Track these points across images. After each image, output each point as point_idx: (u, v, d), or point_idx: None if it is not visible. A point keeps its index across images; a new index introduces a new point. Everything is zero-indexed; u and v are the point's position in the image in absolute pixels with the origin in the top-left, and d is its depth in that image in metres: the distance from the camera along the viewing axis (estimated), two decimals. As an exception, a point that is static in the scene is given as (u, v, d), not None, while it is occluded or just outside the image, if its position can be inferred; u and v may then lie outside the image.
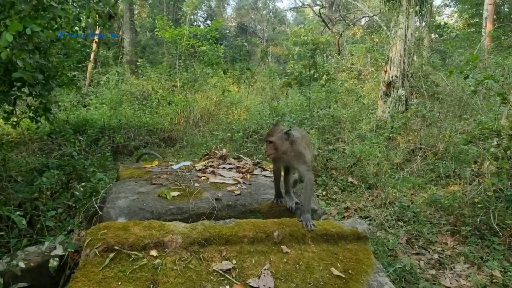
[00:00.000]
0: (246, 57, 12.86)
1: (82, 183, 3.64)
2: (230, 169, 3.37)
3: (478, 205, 3.88)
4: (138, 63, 13.13)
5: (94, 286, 1.67)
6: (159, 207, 2.35)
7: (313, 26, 15.33)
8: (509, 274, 3.04)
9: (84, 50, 4.62)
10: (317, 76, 12.35)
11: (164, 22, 11.77)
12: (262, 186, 2.93)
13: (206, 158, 3.78)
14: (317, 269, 2.01)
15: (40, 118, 4.10)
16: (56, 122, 5.73)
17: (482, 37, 11.97)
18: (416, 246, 3.62)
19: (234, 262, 1.94)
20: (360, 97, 10.54)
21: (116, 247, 1.85)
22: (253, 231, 2.10)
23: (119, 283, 1.70)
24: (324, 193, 5.06)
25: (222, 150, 3.82)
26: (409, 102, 8.31)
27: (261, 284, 1.84)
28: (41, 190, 3.37)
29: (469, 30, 13.87)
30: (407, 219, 4.12)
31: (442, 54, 14.74)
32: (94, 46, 8.33)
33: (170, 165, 3.41)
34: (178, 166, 3.31)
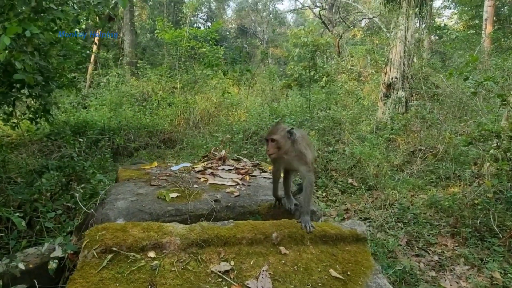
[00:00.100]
0: (246, 58, 12.85)
1: (82, 185, 3.63)
2: (229, 170, 3.35)
3: (478, 206, 3.88)
4: (138, 65, 13.17)
5: (91, 287, 1.67)
6: (158, 209, 2.35)
7: (313, 27, 15.41)
8: (509, 275, 3.03)
9: (84, 52, 4.62)
10: (317, 77, 12.39)
11: (164, 23, 11.81)
12: (261, 187, 2.92)
13: (206, 159, 3.78)
14: (315, 270, 2.01)
15: (39, 120, 4.10)
16: (56, 123, 5.74)
17: (482, 38, 11.98)
18: (416, 248, 3.61)
19: (232, 263, 1.93)
20: (360, 98, 10.56)
21: (114, 249, 1.84)
22: (251, 233, 2.09)
23: (117, 285, 1.70)
24: (324, 194, 5.05)
25: (222, 151, 3.81)
26: (409, 103, 8.32)
27: (259, 285, 1.83)
28: (40, 191, 3.37)
29: (469, 32, 13.87)
30: (407, 221, 4.11)
31: (442, 55, 14.78)
32: (94, 48, 8.35)
33: (169, 166, 3.41)
34: (177, 167, 3.31)
